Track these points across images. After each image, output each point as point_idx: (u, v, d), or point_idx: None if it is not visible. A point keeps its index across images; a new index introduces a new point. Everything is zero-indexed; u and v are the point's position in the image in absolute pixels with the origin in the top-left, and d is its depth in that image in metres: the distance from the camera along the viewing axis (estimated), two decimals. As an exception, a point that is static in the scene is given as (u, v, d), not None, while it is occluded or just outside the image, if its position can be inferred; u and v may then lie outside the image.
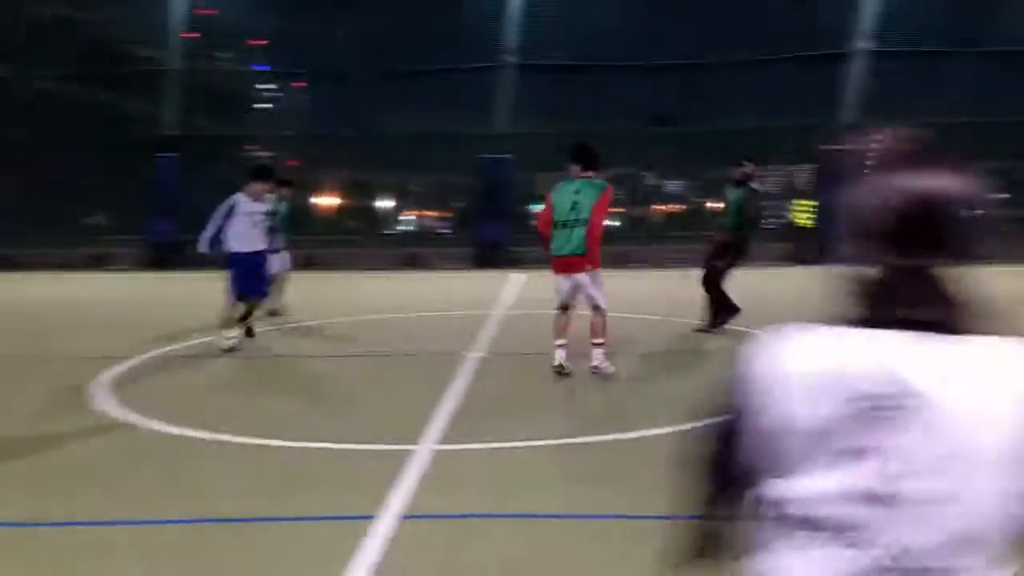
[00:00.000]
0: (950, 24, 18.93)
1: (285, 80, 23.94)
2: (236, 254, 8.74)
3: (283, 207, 10.55)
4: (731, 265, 9.23)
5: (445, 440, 5.37)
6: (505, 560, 3.56)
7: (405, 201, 26.21)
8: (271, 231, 9.19)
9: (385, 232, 25.09)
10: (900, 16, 18.77)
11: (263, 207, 8.94)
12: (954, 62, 19.15)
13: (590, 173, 7.08)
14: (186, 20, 21.11)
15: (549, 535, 3.85)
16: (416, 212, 26.19)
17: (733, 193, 9.37)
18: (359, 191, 25.02)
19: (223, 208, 8.67)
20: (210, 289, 15.21)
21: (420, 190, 26.48)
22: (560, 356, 7.13)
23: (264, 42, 23.90)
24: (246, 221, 8.72)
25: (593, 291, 6.98)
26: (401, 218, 26.05)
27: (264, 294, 9.23)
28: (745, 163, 9.38)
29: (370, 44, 20.53)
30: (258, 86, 24.88)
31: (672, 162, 21.19)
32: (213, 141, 23.04)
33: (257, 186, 8.89)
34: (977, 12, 19.05)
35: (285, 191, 10.89)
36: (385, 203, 26.10)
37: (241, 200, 8.77)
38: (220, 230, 8.65)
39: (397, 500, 4.23)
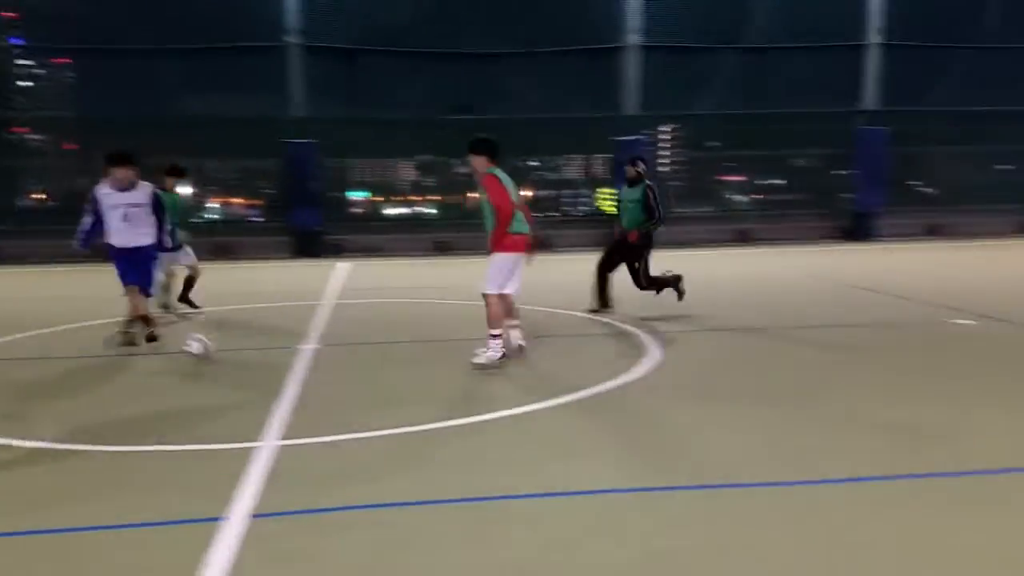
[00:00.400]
0: (713, 21, 20.32)
1: (44, 56, 21.86)
2: (113, 248, 8.06)
3: (175, 199, 9.89)
4: (644, 260, 9.77)
5: (289, 435, 5.29)
6: (360, 553, 3.57)
7: (206, 188, 24.89)
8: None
9: (190, 220, 23.75)
10: (667, 13, 20.02)
11: (135, 197, 8.03)
12: (717, 57, 20.72)
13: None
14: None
15: (405, 525, 3.87)
16: (221, 199, 24.99)
17: (629, 193, 9.74)
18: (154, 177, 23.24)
19: (89, 205, 7.99)
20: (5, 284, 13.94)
21: (222, 176, 25.26)
22: (517, 336, 7.50)
23: (15, 15, 21.78)
24: (114, 215, 7.95)
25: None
26: (207, 206, 24.76)
27: (147, 291, 8.33)
28: (639, 163, 9.83)
29: (144, 19, 19.27)
30: (17, 62, 22.59)
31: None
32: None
33: (118, 173, 7.94)
34: (736, 10, 20.61)
35: (171, 181, 10.11)
36: (184, 190, 24.55)
37: (102, 192, 7.98)
38: (95, 224, 8.01)
39: (244, 499, 4.14)
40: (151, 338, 8.20)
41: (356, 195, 23.68)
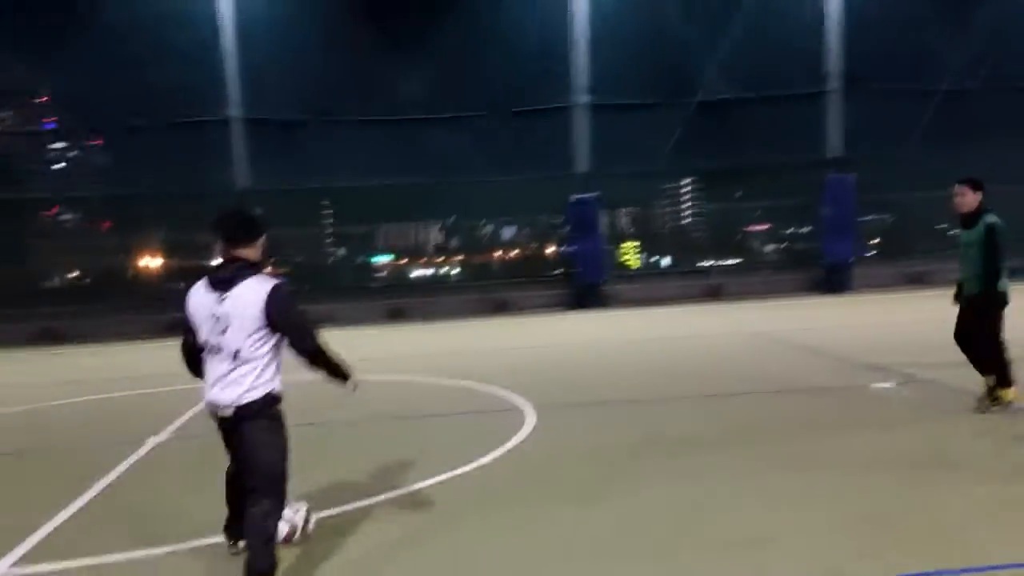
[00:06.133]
0: (659, 78, 20.23)
1: (76, 137, 22.33)
2: None
3: None
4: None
5: (29, 560, 4.82)
6: None
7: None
8: None
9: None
10: (611, 72, 19.84)
11: None
12: (663, 113, 20.42)
13: None
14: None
15: None
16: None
17: (967, 235, 7.30)
18: (188, 251, 23.05)
19: None
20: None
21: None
22: None
23: (46, 98, 22.44)
24: None
25: None
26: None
27: None
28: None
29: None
30: (50, 146, 23.15)
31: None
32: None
33: None
34: (680, 67, 20.32)
35: None
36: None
37: None
38: None
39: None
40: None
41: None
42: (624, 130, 19.74)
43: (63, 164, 23.34)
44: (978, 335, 7.23)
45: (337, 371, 4.45)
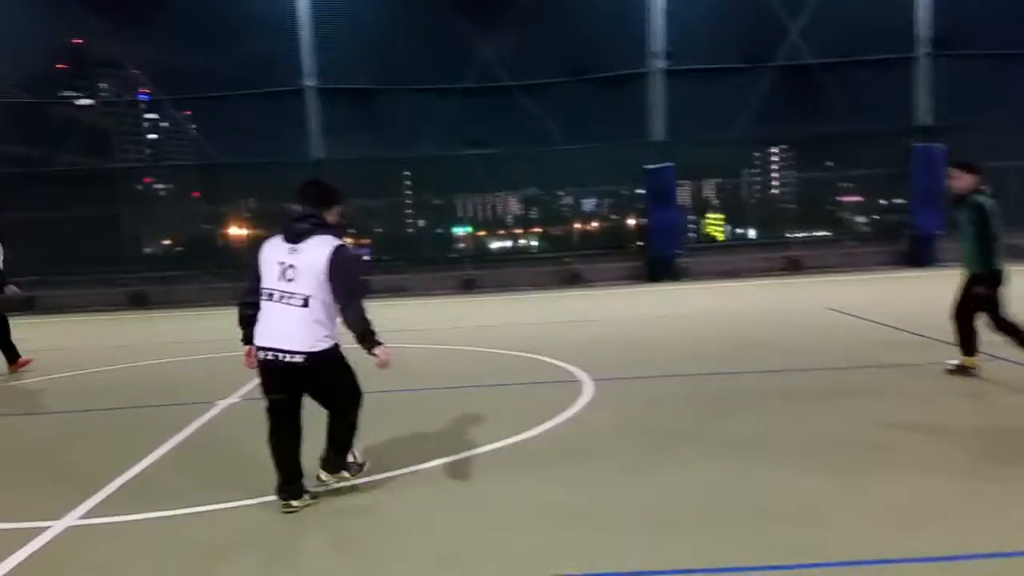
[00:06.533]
0: (739, 42, 19.44)
1: (167, 109, 22.98)
2: None
3: None
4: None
5: (96, 513, 5.08)
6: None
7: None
8: None
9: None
10: (689, 36, 19.16)
11: None
12: (745, 78, 19.67)
13: None
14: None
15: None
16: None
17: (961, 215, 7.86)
18: (271, 220, 23.54)
19: None
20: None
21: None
22: None
23: (138, 71, 23.09)
24: None
25: None
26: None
27: None
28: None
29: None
30: (146, 116, 23.95)
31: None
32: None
33: None
34: (763, 31, 19.53)
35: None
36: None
37: None
38: None
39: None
40: None
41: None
42: (702, 97, 19.17)
43: (155, 136, 24.04)
44: (991, 316, 7.47)
45: (370, 333, 4.72)
